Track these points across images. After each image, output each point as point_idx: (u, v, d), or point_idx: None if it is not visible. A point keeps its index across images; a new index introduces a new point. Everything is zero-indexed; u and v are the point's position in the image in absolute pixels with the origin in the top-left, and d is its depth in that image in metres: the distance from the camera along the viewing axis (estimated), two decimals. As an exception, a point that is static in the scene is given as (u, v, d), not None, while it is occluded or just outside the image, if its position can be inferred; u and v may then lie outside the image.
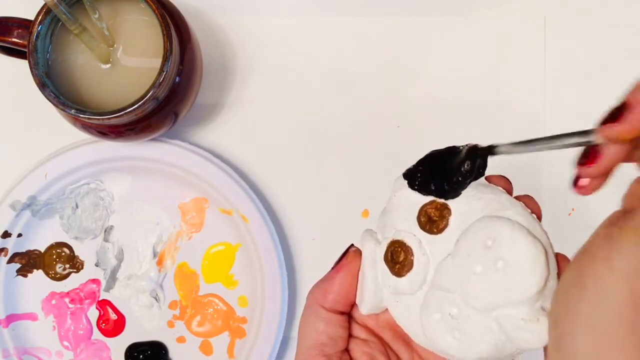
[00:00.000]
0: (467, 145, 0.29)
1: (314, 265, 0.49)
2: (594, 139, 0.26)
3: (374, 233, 0.32)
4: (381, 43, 0.49)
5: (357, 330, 0.33)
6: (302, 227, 0.49)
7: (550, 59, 0.49)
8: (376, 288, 0.30)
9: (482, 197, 0.28)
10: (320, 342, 0.31)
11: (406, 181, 0.30)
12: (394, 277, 0.30)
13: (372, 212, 0.48)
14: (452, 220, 0.29)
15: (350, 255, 0.32)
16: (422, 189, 0.29)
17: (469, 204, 0.28)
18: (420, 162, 0.30)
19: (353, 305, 0.33)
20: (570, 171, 0.29)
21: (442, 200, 0.29)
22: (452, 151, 0.29)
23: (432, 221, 0.29)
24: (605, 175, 0.28)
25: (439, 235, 0.29)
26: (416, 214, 0.29)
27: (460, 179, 0.28)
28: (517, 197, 0.30)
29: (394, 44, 0.49)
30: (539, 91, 0.49)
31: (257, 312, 0.46)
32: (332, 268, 0.33)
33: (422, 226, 0.29)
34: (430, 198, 0.29)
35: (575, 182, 0.28)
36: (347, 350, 0.32)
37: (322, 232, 0.48)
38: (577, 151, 0.29)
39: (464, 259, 0.27)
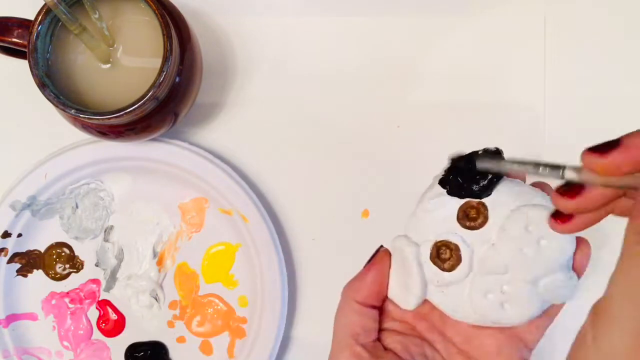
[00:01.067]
0: (483, 149, 0.33)
1: (314, 265, 0.49)
2: (574, 177, 0.28)
3: (408, 237, 0.35)
4: (381, 43, 0.49)
5: (392, 323, 0.36)
6: (302, 227, 0.49)
7: (550, 59, 0.49)
8: (424, 285, 0.34)
9: (510, 191, 0.33)
10: (355, 332, 0.35)
11: (441, 188, 0.34)
12: (443, 272, 0.34)
13: (372, 212, 0.48)
14: (489, 214, 0.33)
15: (380, 255, 0.36)
16: (458, 193, 0.33)
17: (501, 198, 0.33)
18: (451, 170, 0.34)
19: (384, 299, 0.36)
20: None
21: (477, 200, 0.33)
22: (473, 156, 0.33)
23: (472, 219, 0.34)
24: (584, 220, 0.29)
25: (479, 230, 0.34)
26: (454, 215, 0.34)
27: (490, 179, 0.33)
28: (533, 185, 0.35)
29: (394, 44, 0.49)
30: (539, 91, 0.49)
31: (257, 312, 0.46)
32: (364, 267, 0.36)
33: (463, 224, 0.34)
34: (464, 200, 0.34)
35: (554, 216, 0.30)
36: (378, 340, 0.36)
37: (322, 232, 0.48)
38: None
39: (511, 243, 0.33)
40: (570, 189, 0.28)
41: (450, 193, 0.34)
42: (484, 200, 0.33)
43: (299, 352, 0.48)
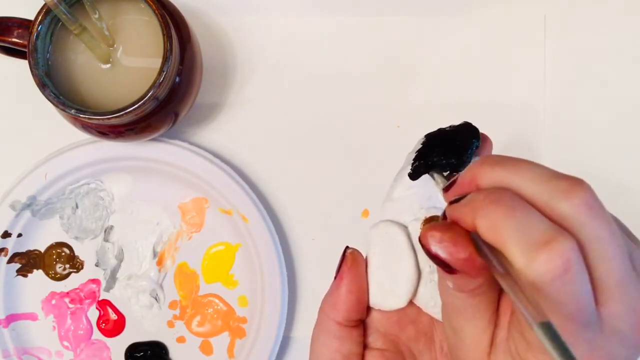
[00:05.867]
0: (454, 125, 0.31)
1: (314, 265, 0.49)
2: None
3: (391, 221, 0.31)
4: (381, 43, 0.49)
5: (374, 339, 0.31)
6: (302, 227, 0.49)
7: (550, 58, 0.49)
8: (419, 271, 0.30)
9: None
10: None
11: (421, 165, 0.31)
12: None
13: (372, 212, 0.48)
14: None
15: (350, 258, 0.31)
16: (440, 168, 0.30)
17: None
18: (430, 146, 0.31)
19: (367, 310, 0.31)
20: (570, 170, 0.29)
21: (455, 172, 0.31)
22: (449, 132, 0.31)
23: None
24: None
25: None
26: (438, 190, 0.30)
27: (470, 152, 0.30)
28: None
29: (394, 44, 0.49)
30: (539, 91, 0.49)
31: (257, 312, 0.46)
32: (335, 278, 0.31)
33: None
34: (445, 174, 0.30)
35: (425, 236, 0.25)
36: None
37: (322, 232, 0.48)
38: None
39: None
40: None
41: (427, 170, 0.31)
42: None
43: (299, 352, 0.48)
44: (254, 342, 0.46)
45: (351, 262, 0.30)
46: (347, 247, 0.31)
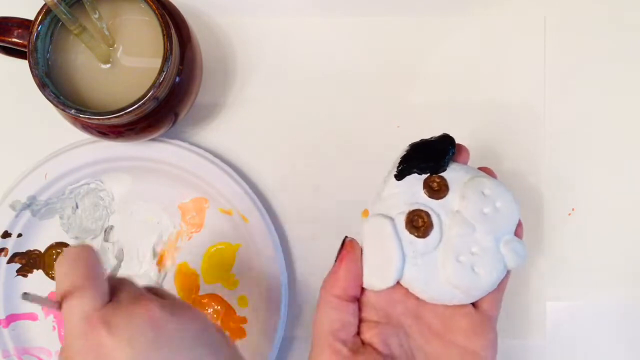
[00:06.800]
0: (435, 136, 0.38)
1: (314, 265, 0.49)
2: None
3: (381, 214, 0.37)
4: (381, 43, 0.49)
5: (369, 312, 0.37)
6: (302, 227, 0.49)
7: (550, 59, 0.49)
8: (403, 256, 0.36)
9: (460, 168, 0.38)
10: (334, 329, 0.35)
11: (405, 168, 0.38)
12: (417, 240, 0.36)
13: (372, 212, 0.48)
14: (449, 186, 0.37)
15: (348, 245, 0.37)
16: (421, 170, 0.38)
17: (454, 174, 0.38)
18: (413, 152, 0.38)
19: (361, 290, 0.37)
20: (570, 170, 0.29)
21: (437, 174, 0.38)
22: (429, 141, 0.38)
23: (435, 190, 0.37)
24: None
25: (441, 200, 0.37)
26: (420, 189, 0.37)
27: (447, 158, 0.38)
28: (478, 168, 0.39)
29: (394, 44, 0.49)
30: (539, 91, 0.49)
31: (257, 312, 0.46)
32: (335, 261, 0.37)
33: (430, 195, 0.37)
34: (425, 175, 0.38)
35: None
36: (358, 334, 0.36)
37: (322, 232, 0.48)
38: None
39: (472, 206, 0.37)
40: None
41: (409, 171, 0.38)
42: (443, 174, 0.38)
43: (299, 352, 0.48)
44: (254, 342, 0.46)
45: (349, 248, 0.37)
46: (346, 237, 0.38)
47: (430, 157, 0.38)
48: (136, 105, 0.39)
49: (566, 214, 0.48)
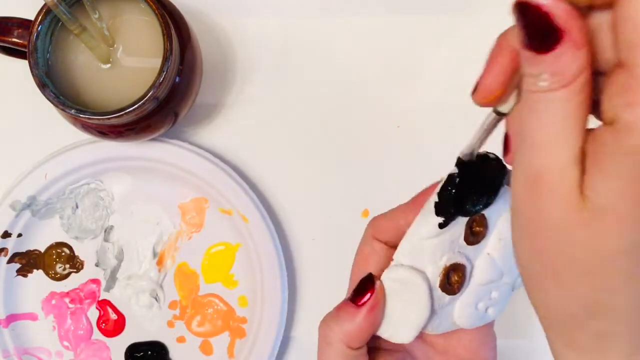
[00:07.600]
0: (471, 155, 0.30)
1: (314, 265, 0.49)
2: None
3: (411, 267, 0.31)
4: (381, 43, 0.49)
5: (376, 342, 0.33)
6: (302, 227, 0.49)
7: (550, 59, 0.49)
8: (431, 314, 0.31)
9: (499, 196, 0.30)
10: None
11: (453, 214, 0.30)
12: (448, 296, 0.31)
13: (372, 212, 0.48)
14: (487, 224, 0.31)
15: (379, 293, 0.30)
16: (474, 206, 0.29)
17: (495, 205, 0.30)
18: (462, 187, 0.29)
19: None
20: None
21: (480, 213, 0.30)
22: (476, 168, 0.29)
23: (476, 234, 0.30)
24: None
25: (478, 245, 0.31)
26: (461, 235, 0.30)
27: (496, 190, 0.29)
28: None
29: (394, 44, 0.49)
30: (539, 91, 0.49)
31: (257, 312, 0.46)
32: (352, 300, 0.31)
33: (470, 242, 0.30)
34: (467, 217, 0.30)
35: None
36: None
37: (322, 232, 0.48)
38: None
39: (505, 249, 0.30)
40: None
41: (453, 216, 0.29)
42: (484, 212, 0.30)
43: (299, 352, 0.48)
44: (254, 342, 0.46)
45: (380, 297, 0.30)
46: (372, 275, 0.31)
47: (483, 191, 0.29)
48: (136, 106, 0.39)
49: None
